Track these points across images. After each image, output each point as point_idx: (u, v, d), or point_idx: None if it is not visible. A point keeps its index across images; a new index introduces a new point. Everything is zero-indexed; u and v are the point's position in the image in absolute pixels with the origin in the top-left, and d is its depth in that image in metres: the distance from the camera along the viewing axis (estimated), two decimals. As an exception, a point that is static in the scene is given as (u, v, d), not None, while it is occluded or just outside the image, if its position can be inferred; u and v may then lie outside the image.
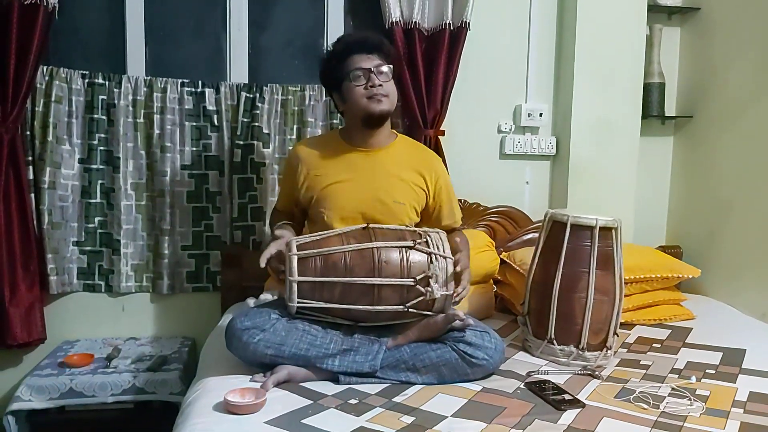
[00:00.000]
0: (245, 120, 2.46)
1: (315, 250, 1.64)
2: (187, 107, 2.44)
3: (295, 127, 2.52)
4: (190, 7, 2.55)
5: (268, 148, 2.49)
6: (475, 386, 1.62)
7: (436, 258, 1.65)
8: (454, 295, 1.67)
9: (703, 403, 1.54)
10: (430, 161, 1.97)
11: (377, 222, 1.78)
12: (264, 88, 2.47)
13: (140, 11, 2.45)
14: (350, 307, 1.63)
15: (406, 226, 1.78)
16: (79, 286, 2.44)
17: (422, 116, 2.49)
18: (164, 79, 2.42)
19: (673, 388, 1.63)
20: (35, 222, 2.32)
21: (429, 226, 1.95)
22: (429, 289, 1.62)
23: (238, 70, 2.54)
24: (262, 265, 1.65)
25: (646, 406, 1.52)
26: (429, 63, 2.47)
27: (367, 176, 1.86)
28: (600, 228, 1.82)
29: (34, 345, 2.36)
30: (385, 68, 1.82)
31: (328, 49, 1.91)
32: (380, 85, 1.79)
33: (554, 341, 1.84)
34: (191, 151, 2.47)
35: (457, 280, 1.69)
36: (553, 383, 1.64)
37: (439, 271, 1.64)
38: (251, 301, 2.15)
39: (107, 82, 2.38)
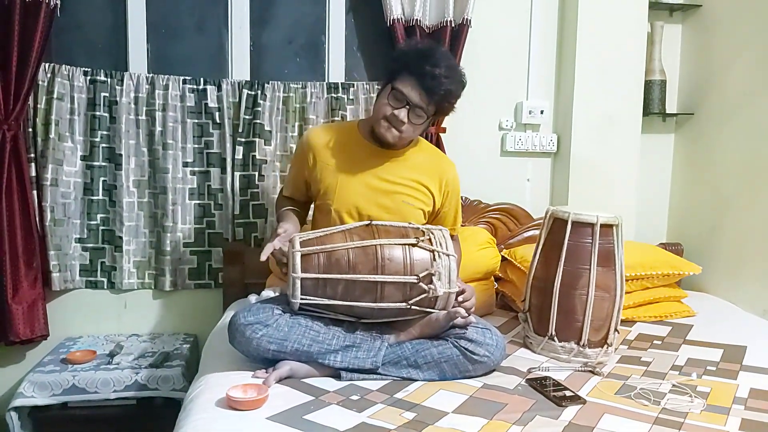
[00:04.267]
0: (247, 117, 2.46)
1: (318, 247, 1.64)
2: (189, 104, 2.44)
3: (296, 124, 2.52)
4: (192, 4, 2.55)
5: (270, 145, 2.50)
6: (476, 383, 1.62)
7: (439, 255, 1.66)
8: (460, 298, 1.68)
9: (704, 400, 1.54)
10: (444, 169, 1.95)
11: (383, 220, 1.79)
12: (266, 85, 2.47)
13: (142, 8, 2.45)
14: (353, 304, 1.64)
15: (409, 224, 1.78)
16: (82, 282, 2.45)
17: (424, 113, 2.49)
18: (166, 76, 2.42)
19: (673, 385, 1.63)
20: (38, 219, 2.33)
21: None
22: (432, 286, 1.63)
23: (240, 68, 2.55)
24: (263, 259, 1.65)
25: (647, 403, 1.52)
26: (430, 60, 2.47)
27: (378, 175, 1.86)
28: (601, 225, 1.82)
29: (37, 341, 2.37)
30: (421, 114, 1.75)
31: (416, 49, 1.78)
32: (403, 123, 1.74)
33: (555, 338, 1.85)
34: (193, 148, 2.47)
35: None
36: (554, 380, 1.64)
37: (442, 268, 1.65)
38: (253, 298, 2.16)
39: (109, 80, 2.38)
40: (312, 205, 2.00)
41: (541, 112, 2.70)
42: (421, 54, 1.74)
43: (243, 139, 2.47)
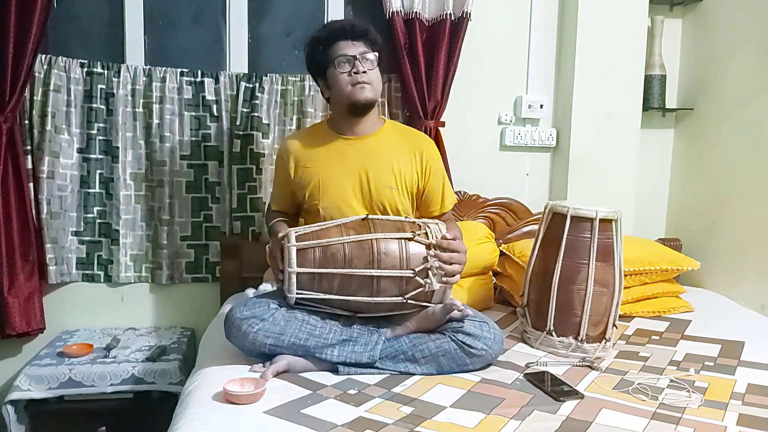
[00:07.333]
0: (245, 110, 2.45)
1: (314, 242, 1.64)
2: (186, 97, 2.43)
3: (294, 117, 2.51)
4: (190, -4, 2.53)
5: (268, 138, 2.48)
6: (474, 377, 1.62)
7: (435, 249, 1.65)
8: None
9: (702, 395, 1.54)
10: (421, 143, 1.94)
11: (370, 209, 1.81)
12: (263, 78, 2.46)
13: (139, 0, 2.43)
14: (349, 298, 1.63)
15: (405, 218, 1.77)
16: (78, 276, 2.44)
17: (422, 107, 2.48)
18: (163, 68, 2.41)
19: (671, 380, 1.63)
20: (34, 212, 2.31)
21: (421, 209, 1.96)
22: (428, 280, 1.62)
23: (238, 60, 2.53)
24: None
25: (644, 398, 1.52)
26: (429, 53, 2.46)
27: (357, 164, 1.86)
28: (600, 220, 1.81)
29: (33, 335, 2.36)
30: (370, 55, 1.83)
31: (313, 35, 1.89)
32: (364, 72, 1.80)
33: (553, 333, 1.84)
34: (190, 141, 2.46)
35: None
36: (552, 374, 1.64)
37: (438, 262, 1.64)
38: (250, 292, 2.15)
39: (106, 71, 2.36)
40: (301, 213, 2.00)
41: (541, 106, 2.69)
42: (322, 31, 1.87)
43: (241, 132, 2.46)
